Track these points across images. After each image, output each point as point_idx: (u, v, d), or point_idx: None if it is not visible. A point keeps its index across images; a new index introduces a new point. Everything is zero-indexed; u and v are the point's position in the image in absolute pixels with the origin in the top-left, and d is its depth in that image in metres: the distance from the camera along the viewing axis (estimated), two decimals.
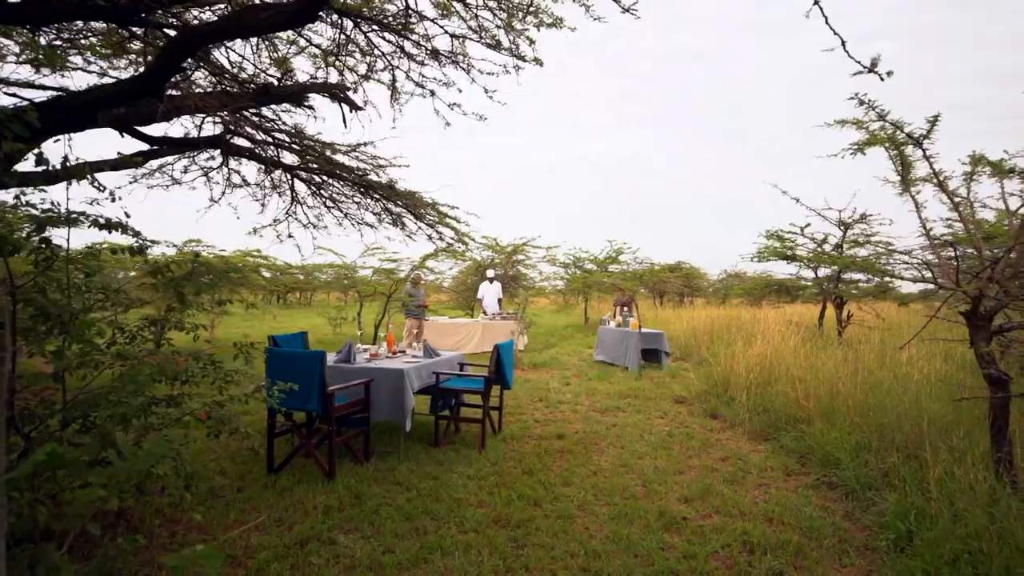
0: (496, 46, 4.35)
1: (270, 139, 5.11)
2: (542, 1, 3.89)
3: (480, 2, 3.93)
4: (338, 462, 3.62)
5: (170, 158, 5.39)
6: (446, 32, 4.34)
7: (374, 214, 6.22)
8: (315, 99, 4.85)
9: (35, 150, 2.23)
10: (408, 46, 4.54)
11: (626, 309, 10.00)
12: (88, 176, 2.27)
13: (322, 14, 4.17)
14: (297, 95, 4.09)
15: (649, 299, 20.89)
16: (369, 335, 9.95)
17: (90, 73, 3.90)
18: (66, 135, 2.43)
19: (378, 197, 5.85)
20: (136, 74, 2.76)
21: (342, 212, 6.25)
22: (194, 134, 4.86)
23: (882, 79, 1.80)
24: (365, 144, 5.29)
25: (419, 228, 6.36)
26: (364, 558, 2.51)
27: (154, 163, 5.45)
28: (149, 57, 3.33)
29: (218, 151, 5.14)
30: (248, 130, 4.73)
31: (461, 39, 4.41)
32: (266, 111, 4.99)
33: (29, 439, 2.19)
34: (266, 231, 6.20)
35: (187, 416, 2.03)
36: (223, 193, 5.95)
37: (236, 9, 2.43)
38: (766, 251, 9.47)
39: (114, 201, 2.17)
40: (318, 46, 4.62)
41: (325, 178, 5.67)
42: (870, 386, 4.38)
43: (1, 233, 1.78)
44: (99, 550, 2.12)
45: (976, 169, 3.41)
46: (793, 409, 4.77)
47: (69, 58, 3.96)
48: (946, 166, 3.56)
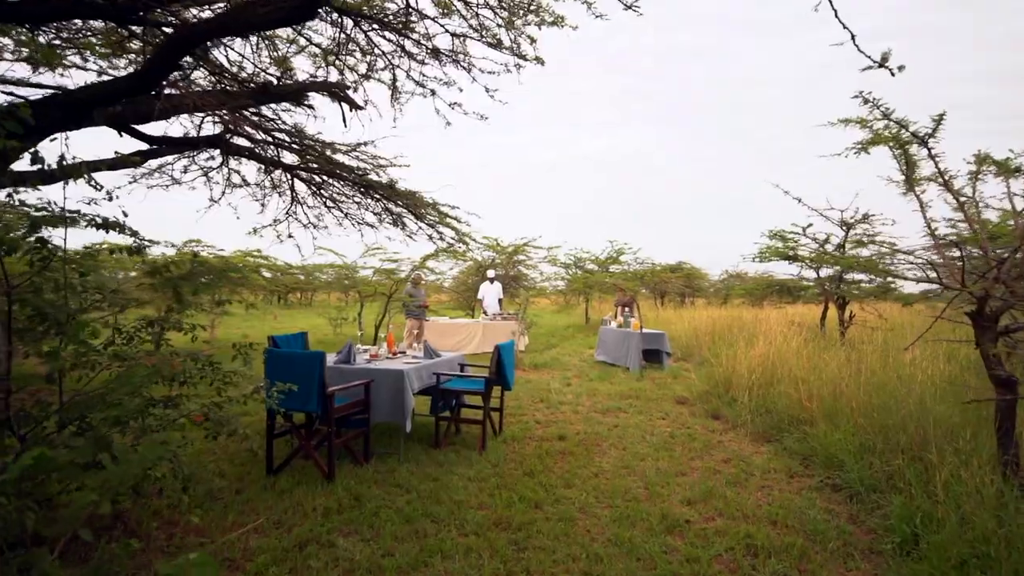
0: (497, 45, 4.32)
1: (270, 139, 5.09)
2: None
3: (481, 0, 3.91)
4: (338, 464, 3.59)
5: (170, 158, 5.37)
6: (447, 31, 4.31)
7: (374, 214, 6.19)
8: (315, 98, 4.82)
9: (31, 149, 2.21)
10: (408, 45, 4.52)
11: (627, 309, 9.97)
12: (85, 176, 2.25)
13: (322, 12, 4.14)
14: (296, 94, 4.06)
15: (650, 299, 20.85)
16: (370, 335, 9.93)
17: (89, 71, 3.89)
18: (63, 134, 2.41)
19: (378, 197, 5.82)
20: (132, 71, 2.74)
21: (342, 212, 6.23)
22: (194, 134, 4.83)
23: (893, 74, 1.77)
24: (365, 144, 5.26)
25: (420, 228, 6.33)
26: (363, 561, 2.48)
27: (154, 163, 5.42)
28: (148, 56, 3.31)
29: (218, 151, 5.12)
30: (248, 130, 4.71)
31: (462, 38, 4.39)
32: (266, 111, 4.97)
33: (24, 441, 2.17)
34: (266, 231, 6.18)
35: (182, 419, 2.00)
36: (223, 193, 5.92)
37: (234, 6, 2.40)
38: (768, 251, 9.44)
39: (111, 200, 2.14)
40: (318, 45, 4.60)
41: (325, 178, 5.65)
42: (874, 387, 4.35)
43: None
44: (95, 553, 2.09)
45: (981, 168, 3.38)
46: (796, 410, 4.73)
47: (68, 57, 3.94)
48: (948, 166, 3.53)
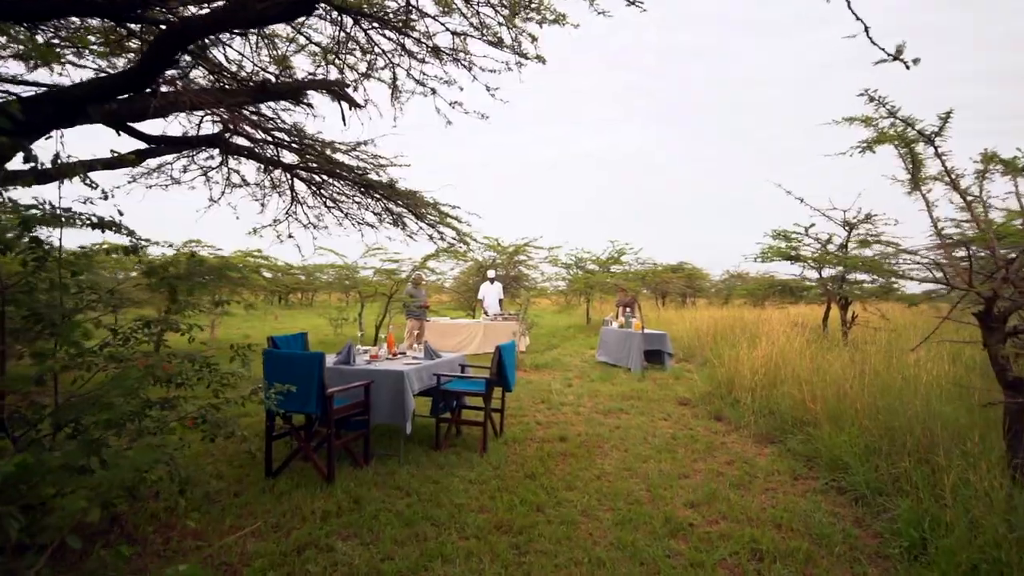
0: (498, 43, 4.29)
1: (269, 138, 5.05)
2: None
3: None
4: (337, 465, 3.56)
5: (169, 157, 5.33)
6: (447, 29, 4.28)
7: (375, 214, 6.15)
8: (315, 98, 4.78)
9: (27, 147, 2.18)
10: (409, 43, 4.48)
11: (628, 310, 9.93)
12: (81, 175, 2.22)
13: (321, 10, 4.11)
14: (295, 92, 4.03)
15: (651, 300, 20.81)
16: (370, 336, 9.90)
17: (88, 71, 3.85)
18: (58, 132, 2.38)
19: (379, 197, 5.79)
20: (127, 68, 2.71)
21: (342, 212, 6.19)
22: (193, 133, 4.80)
23: (908, 67, 1.73)
24: (365, 143, 5.23)
25: (420, 228, 6.29)
26: (362, 566, 2.44)
27: (153, 162, 5.39)
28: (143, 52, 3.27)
29: (217, 150, 5.09)
30: (247, 129, 4.67)
31: (462, 36, 4.35)
32: (265, 110, 4.93)
33: (17, 442, 2.14)
34: (266, 231, 6.14)
35: (173, 424, 1.96)
36: (222, 193, 5.89)
37: (231, 1, 2.36)
38: (770, 251, 9.40)
39: (107, 199, 2.11)
40: (318, 44, 4.57)
41: (325, 177, 5.61)
42: (878, 388, 4.30)
43: None
44: (89, 557, 2.06)
45: (988, 167, 3.33)
46: (799, 411, 4.69)
47: (67, 57, 3.91)
48: (953, 164, 3.48)
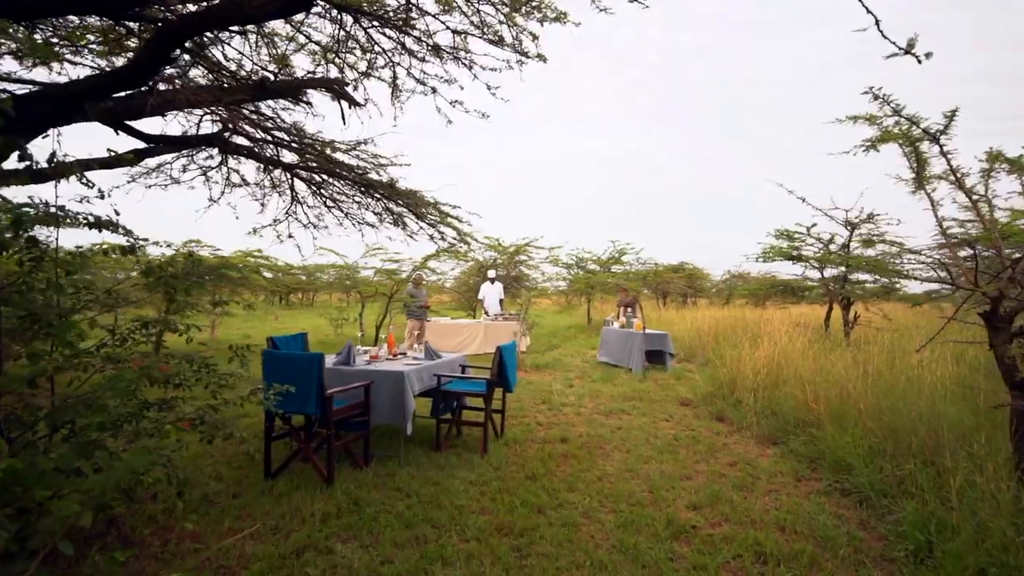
0: (499, 42, 4.26)
1: (269, 137, 5.04)
2: None
3: None
4: (337, 467, 3.53)
5: (168, 157, 5.31)
6: (447, 28, 4.25)
7: (375, 214, 6.13)
8: (314, 97, 4.76)
9: (23, 145, 2.16)
10: (409, 42, 4.46)
11: (630, 310, 9.90)
12: (77, 174, 2.20)
13: (321, 8, 4.09)
14: (294, 90, 4.01)
15: (652, 300, 20.77)
16: (371, 336, 9.88)
17: (86, 69, 3.83)
18: (56, 131, 2.36)
19: (379, 196, 5.77)
20: (123, 65, 2.68)
21: (343, 212, 6.17)
22: (192, 133, 4.78)
23: (920, 61, 1.70)
24: (365, 142, 5.21)
25: (421, 228, 6.27)
26: (362, 569, 2.42)
27: (152, 162, 5.37)
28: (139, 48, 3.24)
29: (216, 150, 5.07)
30: (246, 128, 4.66)
31: (463, 35, 4.33)
32: (265, 109, 4.91)
33: (13, 443, 2.12)
34: (266, 231, 6.12)
35: (168, 426, 1.93)
36: (222, 192, 5.87)
37: None
38: (772, 251, 9.37)
39: (103, 198, 2.09)
40: (317, 43, 4.54)
41: (325, 177, 5.59)
42: (882, 389, 4.27)
43: None
44: (84, 562, 2.04)
45: (994, 166, 3.30)
46: (802, 412, 4.66)
47: (66, 55, 3.89)
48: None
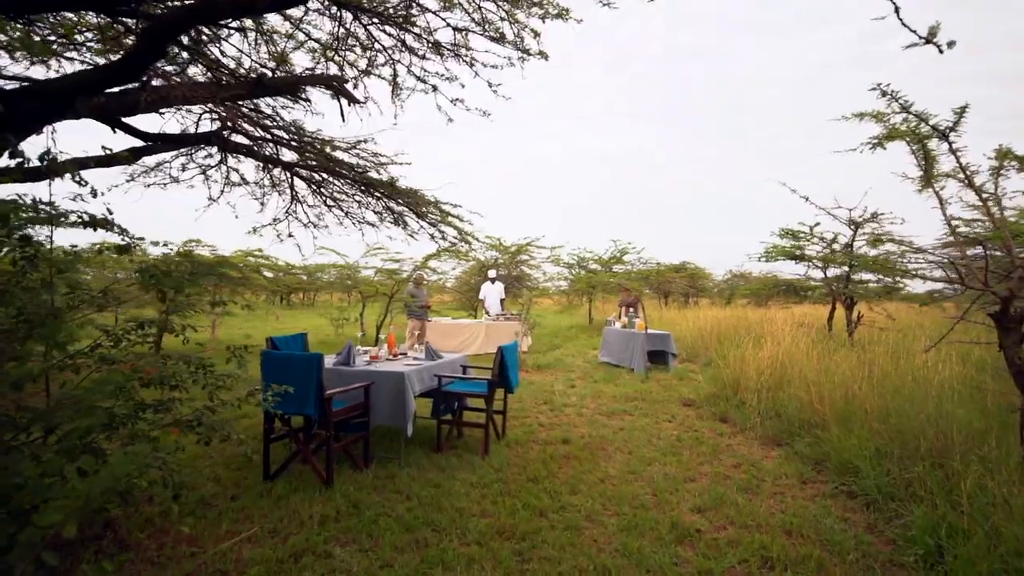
0: (500, 39, 4.22)
1: (268, 136, 5.00)
2: None
3: None
4: (336, 468, 3.49)
5: (167, 155, 5.28)
6: (448, 25, 4.21)
7: (375, 213, 6.09)
8: (314, 94, 4.72)
9: (16, 143, 2.12)
10: (409, 39, 4.41)
11: (632, 310, 9.84)
12: (72, 173, 2.16)
13: (320, 5, 4.05)
14: (292, 87, 3.96)
15: (654, 299, 20.72)
16: (371, 336, 9.84)
17: (84, 66, 3.79)
18: (50, 129, 2.32)
19: (379, 195, 5.73)
20: (115, 59, 2.64)
21: (343, 211, 6.13)
22: (191, 131, 4.74)
23: (941, 51, 1.65)
24: (365, 140, 5.17)
25: (421, 227, 6.23)
26: (361, 573, 2.38)
27: (151, 161, 5.33)
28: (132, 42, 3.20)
29: (215, 148, 5.03)
30: (245, 126, 4.62)
31: (464, 32, 4.29)
32: (264, 107, 4.87)
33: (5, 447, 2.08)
34: (266, 230, 6.09)
35: (156, 433, 1.89)
36: (222, 192, 5.83)
37: None
38: (774, 251, 9.32)
39: (95, 197, 2.05)
40: (317, 40, 4.50)
41: (325, 176, 5.56)
42: (888, 390, 4.22)
43: None
44: (74, 573, 2.00)
45: (1003, 164, 3.25)
46: (806, 413, 4.61)
47: (64, 53, 3.85)
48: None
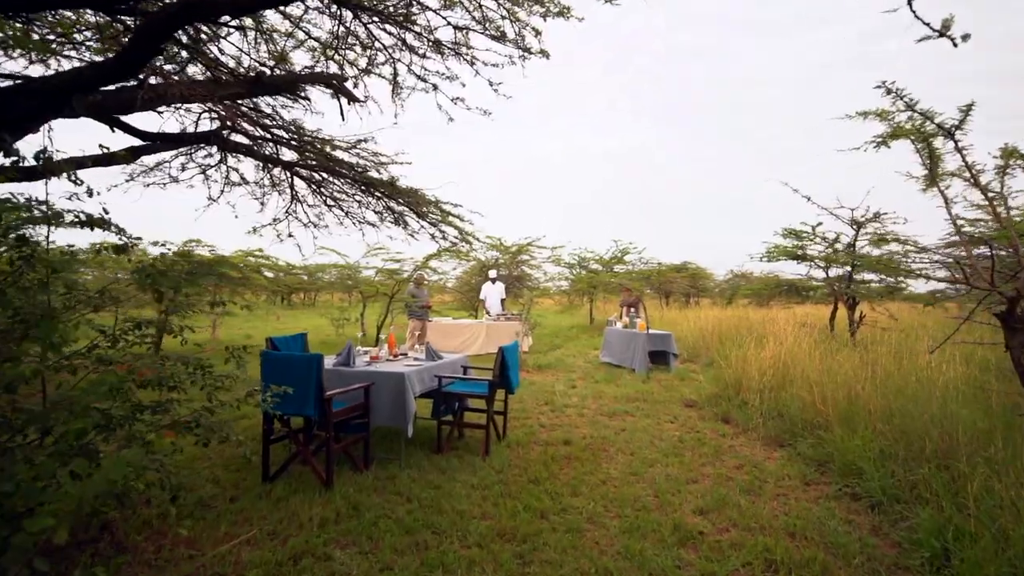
0: (501, 38, 4.19)
1: (268, 135, 4.97)
2: None
3: None
4: (336, 470, 3.47)
5: (167, 155, 5.26)
6: (449, 23, 4.19)
7: (376, 212, 6.06)
8: (313, 93, 4.70)
9: (8, 141, 2.09)
10: (410, 38, 4.39)
11: (633, 310, 9.81)
12: (70, 172, 2.14)
13: (320, 3, 4.03)
14: (291, 85, 3.94)
15: (655, 299, 20.69)
16: (372, 336, 9.82)
17: (81, 63, 3.77)
18: (47, 127, 2.30)
19: (380, 195, 5.70)
20: (111, 56, 2.62)
21: (343, 211, 6.11)
22: (191, 130, 4.72)
23: (955, 44, 1.62)
24: (366, 140, 5.14)
25: (422, 227, 6.20)
26: None
27: (150, 160, 5.32)
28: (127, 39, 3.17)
29: (215, 147, 5.01)
30: (245, 125, 4.59)
31: (464, 30, 4.26)
32: (263, 106, 4.85)
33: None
34: (266, 230, 6.07)
35: (150, 435, 1.87)
36: (221, 191, 5.81)
37: None
38: (776, 251, 9.28)
39: (91, 196, 2.02)
40: (316, 39, 4.48)
41: (325, 175, 5.53)
42: (891, 390, 4.19)
43: None
44: (73, 569, 1.97)
45: (1009, 163, 3.22)
46: (809, 414, 4.58)
47: (63, 51, 3.83)
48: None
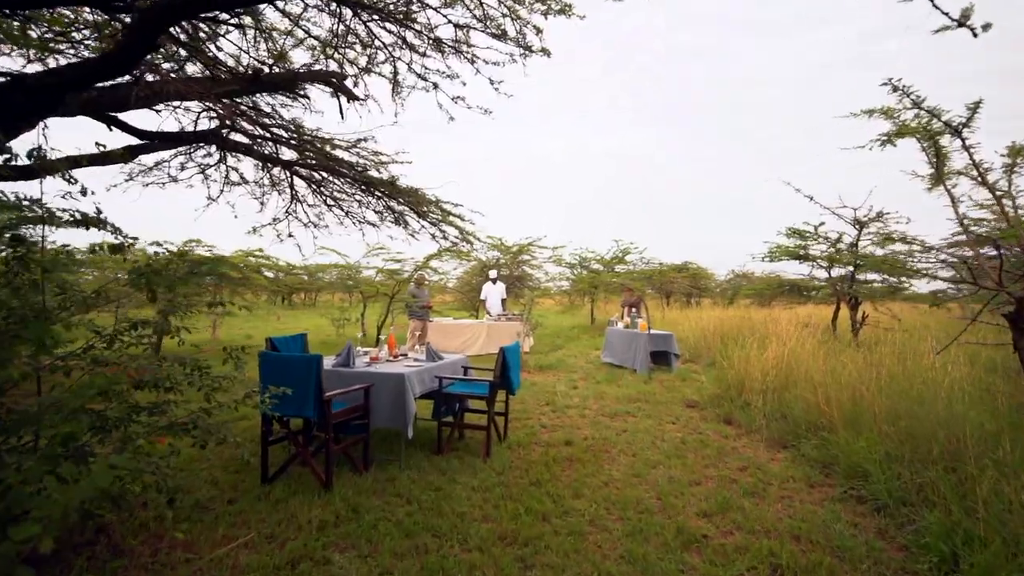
0: (502, 36, 4.16)
1: (268, 134, 4.95)
2: None
3: None
4: (336, 471, 3.44)
5: (166, 154, 5.23)
6: (449, 21, 4.16)
7: (376, 212, 6.04)
8: (313, 92, 4.67)
9: (2, 139, 2.07)
10: (410, 36, 4.36)
11: (634, 310, 9.77)
12: (65, 171, 2.11)
13: (320, 2, 4.00)
14: (290, 82, 3.91)
15: (656, 299, 20.63)
16: (372, 337, 9.79)
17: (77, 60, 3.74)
18: (42, 125, 2.27)
19: (380, 195, 5.68)
20: (105, 52, 2.59)
21: (343, 210, 6.08)
22: (190, 129, 4.69)
23: (975, 35, 1.59)
24: (366, 139, 5.12)
25: (422, 227, 6.18)
26: None
27: (149, 160, 5.29)
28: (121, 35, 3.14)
29: (214, 146, 4.98)
30: (244, 124, 4.57)
31: (465, 29, 4.23)
32: (263, 105, 4.82)
33: None
34: (266, 230, 6.05)
35: (140, 441, 1.84)
36: (221, 191, 5.80)
37: None
38: (778, 251, 9.25)
39: (85, 195, 2.00)
40: (316, 37, 4.45)
41: (325, 175, 5.51)
42: (896, 392, 4.14)
43: None
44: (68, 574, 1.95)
45: (1016, 161, 3.18)
46: (813, 415, 4.54)
47: (60, 49, 3.81)
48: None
